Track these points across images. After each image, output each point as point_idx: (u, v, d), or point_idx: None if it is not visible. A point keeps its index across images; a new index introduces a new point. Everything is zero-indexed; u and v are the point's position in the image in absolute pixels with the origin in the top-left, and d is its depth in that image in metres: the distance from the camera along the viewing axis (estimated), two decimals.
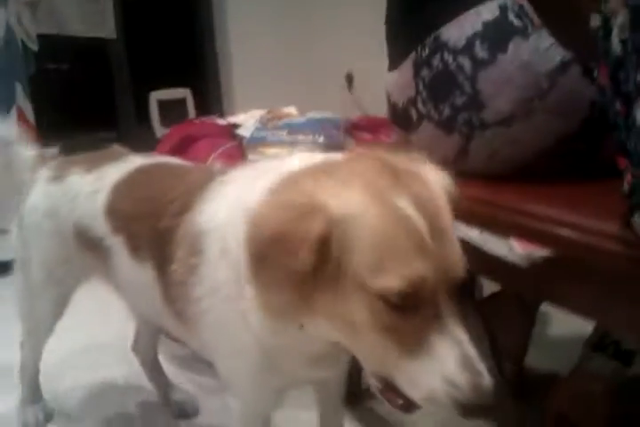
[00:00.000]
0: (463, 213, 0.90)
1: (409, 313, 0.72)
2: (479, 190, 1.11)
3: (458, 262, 0.76)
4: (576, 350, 1.34)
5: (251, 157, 1.75)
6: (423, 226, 0.73)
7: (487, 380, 0.71)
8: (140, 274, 1.13)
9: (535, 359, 1.41)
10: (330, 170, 0.80)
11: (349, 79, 3.38)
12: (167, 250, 1.03)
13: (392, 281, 0.71)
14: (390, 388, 0.78)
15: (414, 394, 0.75)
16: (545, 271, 0.99)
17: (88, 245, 1.23)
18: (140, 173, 1.23)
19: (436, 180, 0.83)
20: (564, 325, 1.73)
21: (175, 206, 1.05)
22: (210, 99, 3.76)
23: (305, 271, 0.73)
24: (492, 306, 1.44)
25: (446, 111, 1.16)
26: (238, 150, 1.78)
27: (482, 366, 0.71)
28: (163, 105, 3.52)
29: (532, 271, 1.00)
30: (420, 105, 1.21)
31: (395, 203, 0.74)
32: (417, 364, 0.72)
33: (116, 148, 1.40)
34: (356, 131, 1.94)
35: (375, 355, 0.77)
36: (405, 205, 0.74)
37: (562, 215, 0.96)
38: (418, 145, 1.26)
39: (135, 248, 1.13)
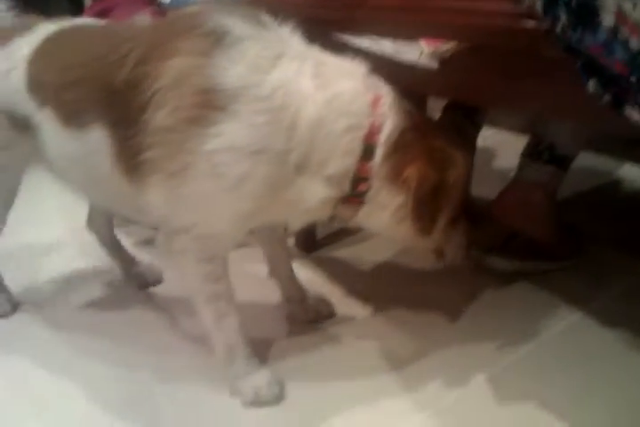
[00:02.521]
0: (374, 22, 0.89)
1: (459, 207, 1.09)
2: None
3: None
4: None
5: None
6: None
7: None
8: (78, 141, 1.10)
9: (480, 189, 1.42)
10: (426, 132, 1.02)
11: None
12: (135, 100, 1.00)
13: (465, 194, 1.10)
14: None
15: (458, 251, 1.17)
16: (456, 67, 0.96)
17: (19, 127, 1.19)
18: (58, 39, 1.16)
19: None
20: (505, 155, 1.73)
21: (134, 58, 1.01)
22: None
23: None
24: None
25: None
26: (159, 16, 1.68)
27: None
28: None
29: (445, 70, 0.98)
30: None
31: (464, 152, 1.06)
32: (459, 231, 1.13)
33: (26, 16, 1.31)
34: None
35: (441, 236, 1.11)
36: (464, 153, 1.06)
37: (460, 2, 0.92)
38: None
39: (70, 115, 1.10)
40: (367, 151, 0.99)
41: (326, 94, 0.96)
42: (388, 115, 0.99)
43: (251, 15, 1.01)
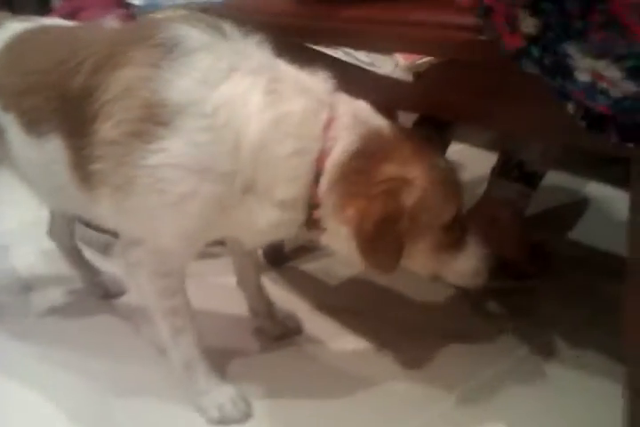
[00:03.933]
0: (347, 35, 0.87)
1: (452, 228, 1.00)
2: (363, 10, 1.05)
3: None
4: None
5: None
6: (451, 169, 1.02)
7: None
8: (38, 150, 1.08)
9: None
10: (388, 144, 0.96)
11: None
12: (86, 110, 0.98)
13: (450, 212, 0.99)
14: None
15: (464, 277, 1.07)
16: (430, 82, 0.96)
17: None
18: (23, 41, 1.13)
19: None
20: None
21: (90, 66, 0.99)
22: None
23: (405, 233, 0.94)
24: None
25: None
26: (128, 19, 1.65)
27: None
28: None
29: (419, 85, 0.97)
30: None
31: (439, 165, 0.98)
32: (461, 257, 1.04)
33: None
34: None
35: (433, 263, 1.04)
36: (442, 163, 0.99)
37: (432, 17, 0.93)
38: None
39: (31, 123, 1.07)
40: (317, 178, 0.95)
41: (275, 114, 0.92)
42: (339, 137, 0.94)
43: (214, 25, 0.98)
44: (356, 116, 0.95)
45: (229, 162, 0.93)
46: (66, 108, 1.01)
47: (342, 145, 0.93)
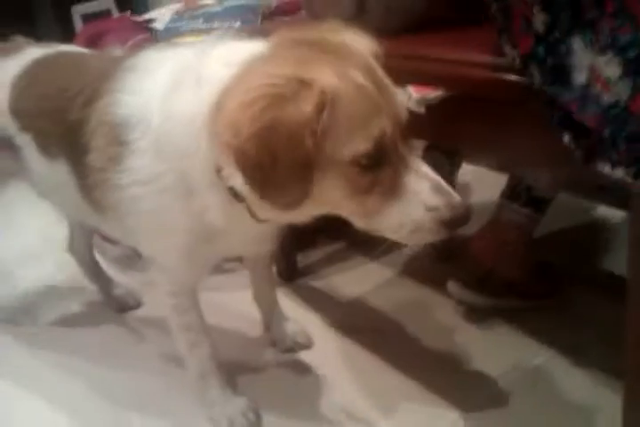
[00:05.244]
0: None
1: (379, 168, 0.79)
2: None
3: (402, 107, 0.83)
4: None
5: None
6: (374, 89, 0.78)
7: (456, 196, 0.81)
8: (52, 170, 1.12)
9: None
10: (274, 57, 0.81)
11: None
12: (80, 141, 1.02)
13: (360, 146, 0.77)
14: None
15: (402, 232, 0.83)
16: (440, 113, 1.00)
17: (3, 144, 1.19)
18: (40, 65, 1.18)
19: (363, 44, 0.85)
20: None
21: (83, 97, 1.03)
22: (137, 8, 3.56)
23: (311, 157, 0.75)
24: None
25: None
26: (150, 43, 1.71)
27: (448, 187, 0.81)
28: (87, 19, 3.33)
29: (430, 115, 1.01)
30: None
31: (351, 75, 0.77)
32: (400, 204, 0.80)
33: (18, 39, 1.33)
34: (276, 15, 1.86)
35: (362, 213, 0.84)
36: (358, 76, 0.78)
37: (449, 54, 0.97)
38: (316, 7, 1.23)
39: (44, 145, 1.12)
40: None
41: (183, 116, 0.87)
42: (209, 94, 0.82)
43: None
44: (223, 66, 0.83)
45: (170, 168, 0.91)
46: (67, 137, 1.05)
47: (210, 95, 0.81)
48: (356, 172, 0.78)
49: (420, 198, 0.79)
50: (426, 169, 0.81)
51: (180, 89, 0.88)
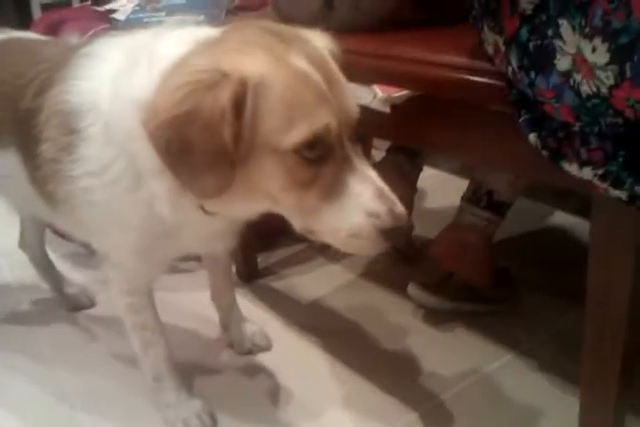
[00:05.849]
0: None
1: (321, 163, 0.77)
2: (344, 42, 1.08)
3: (353, 106, 0.81)
4: None
5: None
6: (320, 79, 0.76)
7: (400, 206, 0.78)
8: (2, 160, 1.08)
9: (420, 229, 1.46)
10: (219, 42, 0.80)
11: None
12: (32, 132, 0.98)
13: (301, 134, 0.74)
14: None
15: (339, 237, 0.79)
16: (406, 113, 1.00)
17: None
18: None
19: (320, 41, 0.84)
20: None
21: (36, 85, 0.99)
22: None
23: (227, 145, 0.74)
24: None
25: None
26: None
27: (393, 196, 0.78)
28: (47, 9, 3.25)
29: (395, 116, 1.01)
30: None
31: (293, 62, 0.76)
32: (339, 205, 0.77)
33: None
34: (241, 10, 1.84)
35: (299, 210, 0.81)
36: (302, 64, 0.76)
37: (416, 53, 0.96)
38: (282, 2, 1.22)
39: None
40: None
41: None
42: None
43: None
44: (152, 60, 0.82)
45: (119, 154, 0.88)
46: (19, 126, 1.01)
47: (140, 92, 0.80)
48: (296, 162, 0.76)
49: (361, 201, 0.77)
50: (372, 173, 0.79)
51: (132, 69, 0.85)
